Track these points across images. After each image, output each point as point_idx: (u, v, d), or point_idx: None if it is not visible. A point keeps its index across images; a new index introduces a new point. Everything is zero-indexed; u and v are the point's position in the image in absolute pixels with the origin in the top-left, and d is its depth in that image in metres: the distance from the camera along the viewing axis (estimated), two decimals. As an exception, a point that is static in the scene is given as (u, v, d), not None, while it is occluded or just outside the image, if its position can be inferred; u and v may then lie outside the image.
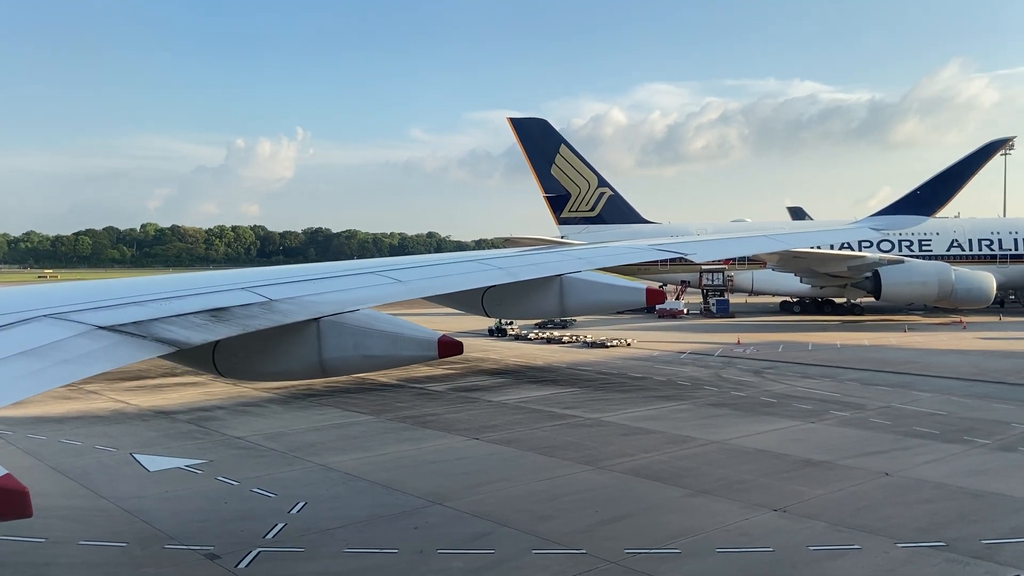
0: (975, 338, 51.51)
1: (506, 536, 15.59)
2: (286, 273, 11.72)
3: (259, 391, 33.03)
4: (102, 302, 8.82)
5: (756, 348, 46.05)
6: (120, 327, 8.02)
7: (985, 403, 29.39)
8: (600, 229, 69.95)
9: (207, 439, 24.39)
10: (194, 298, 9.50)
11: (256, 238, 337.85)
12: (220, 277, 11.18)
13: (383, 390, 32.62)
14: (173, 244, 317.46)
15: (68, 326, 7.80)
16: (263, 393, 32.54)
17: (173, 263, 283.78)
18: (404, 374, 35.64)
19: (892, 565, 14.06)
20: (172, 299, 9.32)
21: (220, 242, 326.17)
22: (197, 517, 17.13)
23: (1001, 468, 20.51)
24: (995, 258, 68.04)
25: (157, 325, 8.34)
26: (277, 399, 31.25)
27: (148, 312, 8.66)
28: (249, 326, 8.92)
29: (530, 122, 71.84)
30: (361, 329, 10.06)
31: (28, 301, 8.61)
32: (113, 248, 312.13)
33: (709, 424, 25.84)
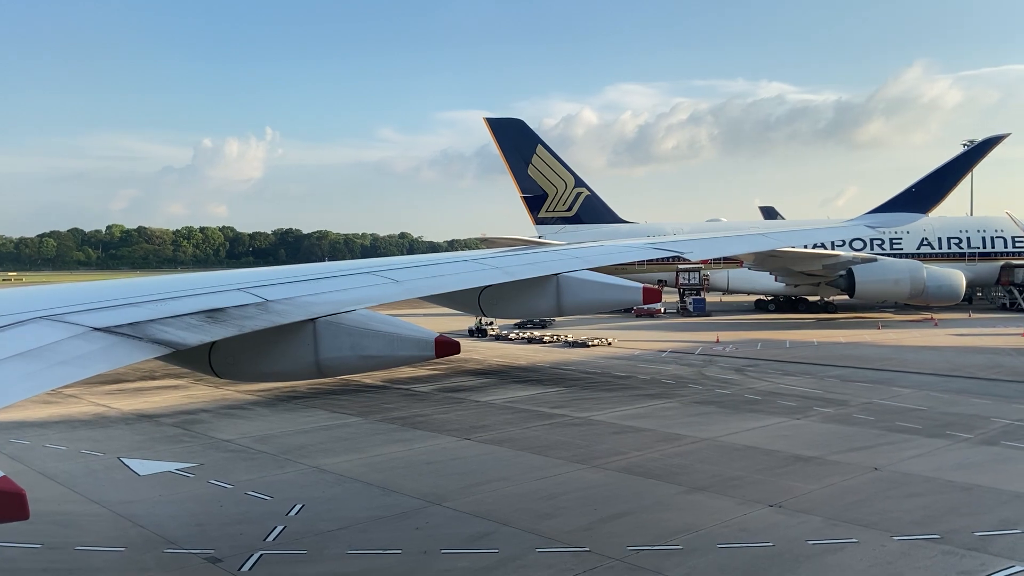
0: (947, 334, 52.42)
1: (508, 535, 15.64)
2: (282, 273, 11.71)
3: (242, 393, 32.79)
4: (97, 303, 8.77)
5: (735, 346, 46.49)
6: (116, 328, 7.99)
7: (963, 398, 29.93)
8: (577, 229, 70.20)
9: (195, 442, 24.16)
10: (190, 299, 9.47)
11: (225, 239, 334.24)
12: (216, 277, 11.15)
13: (368, 391, 32.51)
14: (140, 246, 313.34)
15: (64, 328, 7.76)
16: (247, 396, 32.29)
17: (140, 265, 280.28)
18: (388, 375, 35.53)
19: (890, 558, 14.30)
20: (168, 300, 9.29)
21: (188, 243, 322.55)
22: (194, 520, 16.98)
23: (985, 462, 20.92)
24: (964, 256, 69.28)
25: (153, 326, 8.30)
26: (262, 401, 31.02)
27: (144, 313, 8.62)
28: (245, 327, 8.91)
29: (507, 122, 71.92)
30: (358, 329, 10.03)
31: (23, 303, 8.56)
32: (78, 250, 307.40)
33: (697, 422, 26.07)
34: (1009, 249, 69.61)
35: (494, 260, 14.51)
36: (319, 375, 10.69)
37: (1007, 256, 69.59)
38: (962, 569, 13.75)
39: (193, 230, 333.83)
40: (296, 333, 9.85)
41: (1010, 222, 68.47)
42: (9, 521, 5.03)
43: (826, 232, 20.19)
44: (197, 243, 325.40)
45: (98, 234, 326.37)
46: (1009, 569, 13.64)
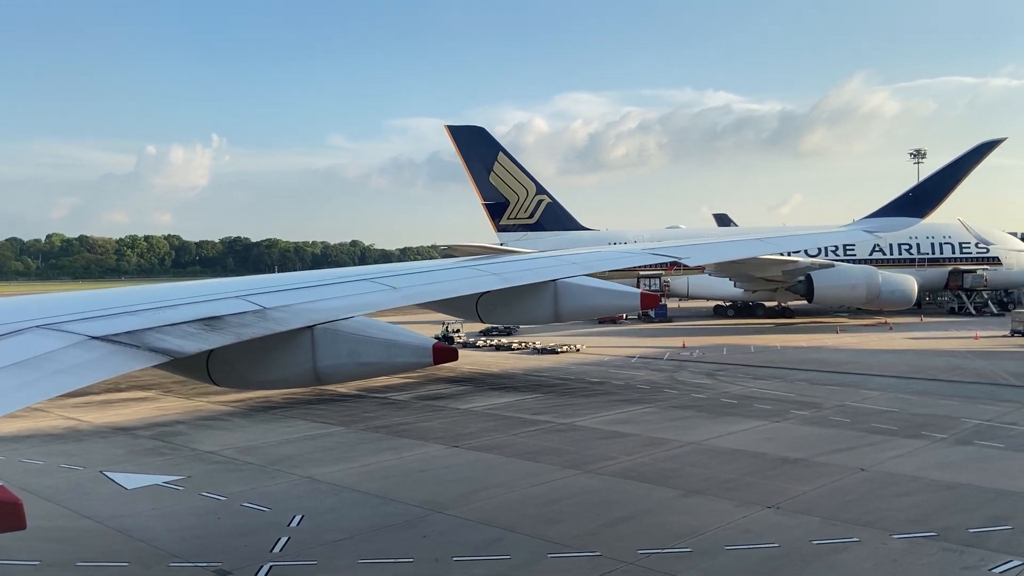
0: (903, 338, 53.83)
1: (517, 541, 15.68)
2: (280, 281, 11.68)
3: (216, 404, 32.30)
4: (95, 312, 8.69)
5: (702, 351, 47.13)
6: (113, 337, 7.95)
7: (930, 399, 30.79)
8: (539, 236, 70.52)
9: (177, 455, 23.73)
10: (187, 307, 9.43)
11: (171, 248, 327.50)
12: (213, 285, 11.10)
13: (345, 401, 32.24)
14: (81, 255, 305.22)
15: (61, 336, 7.72)
16: (221, 406, 31.81)
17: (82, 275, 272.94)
18: (363, 383, 35.25)
19: (894, 556, 14.69)
20: (165, 308, 9.25)
21: (132, 252, 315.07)
22: (193, 533, 16.70)
23: (964, 461, 21.56)
24: (914, 262, 71.22)
25: (150, 335, 8.26)
26: (238, 412, 30.58)
27: (141, 322, 8.58)
28: (243, 335, 8.88)
29: (468, 130, 72.04)
30: (355, 336, 9.99)
31: (21, 312, 8.50)
32: (17, 260, 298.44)
33: (680, 426, 26.40)
34: (957, 255, 71.78)
35: (492, 266, 14.56)
36: (317, 382, 10.63)
37: (955, 262, 71.73)
38: (964, 565, 14.19)
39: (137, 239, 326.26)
40: (294, 341, 9.81)
41: (960, 229, 70.54)
42: (5, 531, 5.00)
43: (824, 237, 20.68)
44: (142, 252, 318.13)
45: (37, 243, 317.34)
46: (1008, 564, 14.10)
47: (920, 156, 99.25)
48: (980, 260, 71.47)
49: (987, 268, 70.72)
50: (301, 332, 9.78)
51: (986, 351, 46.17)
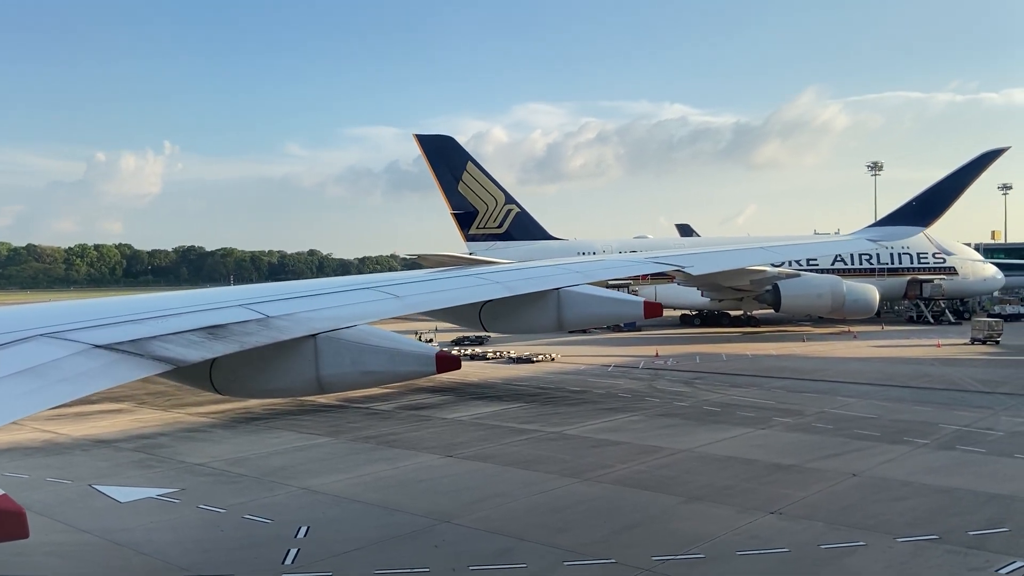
0: (868, 346, 54.98)
1: (531, 550, 15.72)
2: (283, 289, 11.67)
3: (195, 416, 31.84)
4: (99, 320, 8.68)
5: (675, 360, 47.61)
6: (117, 345, 7.96)
7: (906, 406, 31.48)
8: (508, 246, 70.64)
9: (165, 467, 23.33)
10: (191, 315, 9.42)
11: (122, 257, 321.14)
12: (217, 294, 11.06)
13: (328, 411, 31.96)
14: (29, 264, 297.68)
15: (65, 345, 7.72)
16: (200, 418, 31.36)
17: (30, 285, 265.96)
18: (343, 393, 34.97)
19: (902, 558, 15.02)
20: (168, 317, 9.24)
21: (82, 262, 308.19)
22: (199, 546, 16.46)
23: (950, 465, 22.10)
24: (874, 271, 72.76)
25: (154, 343, 8.27)
26: (220, 423, 30.15)
27: (145, 330, 8.57)
28: (246, 343, 8.89)
29: (437, 139, 72.01)
30: (358, 345, 10.02)
31: (25, 320, 8.49)
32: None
33: (668, 434, 26.65)
34: (915, 265, 73.48)
35: (495, 275, 14.64)
36: (320, 391, 10.65)
37: (913, 271, 73.42)
38: (971, 566, 14.57)
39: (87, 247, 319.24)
40: (297, 349, 9.82)
41: (922, 240, 72.07)
42: (9, 540, 5.01)
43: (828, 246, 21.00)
44: (91, 261, 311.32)
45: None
46: (1012, 565, 14.50)
47: (877, 168, 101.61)
48: (937, 270, 73.25)
49: (944, 278, 72.50)
50: (304, 340, 9.78)
51: (950, 358, 47.36)
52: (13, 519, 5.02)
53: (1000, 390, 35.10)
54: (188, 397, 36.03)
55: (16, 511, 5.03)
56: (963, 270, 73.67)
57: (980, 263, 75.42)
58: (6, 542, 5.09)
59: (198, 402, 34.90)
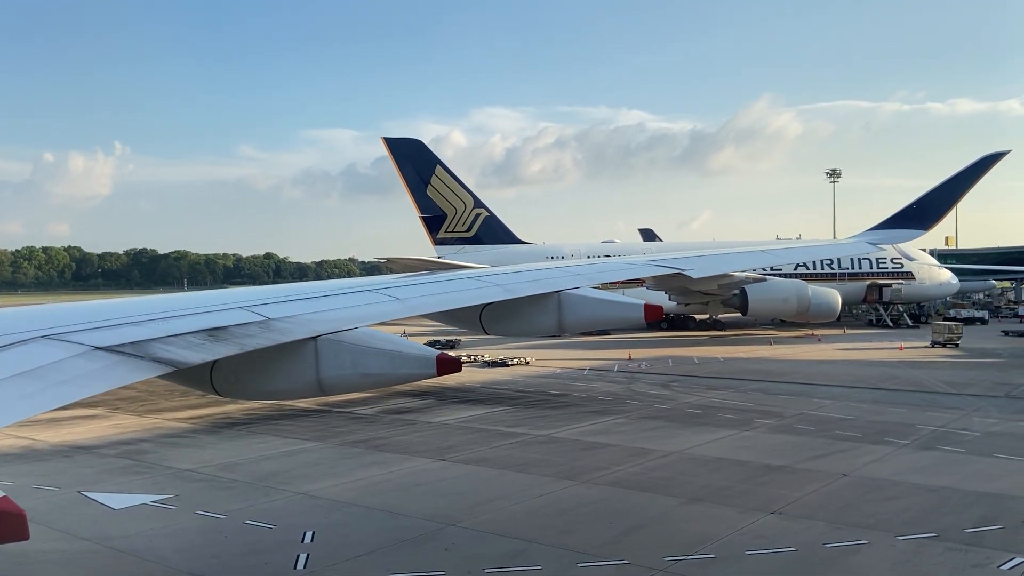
0: (833, 349, 56.04)
1: (542, 552, 15.80)
2: (283, 292, 11.72)
3: (173, 422, 31.35)
4: (99, 322, 8.70)
5: (649, 363, 48.05)
6: (117, 347, 7.98)
7: (880, 407, 32.18)
8: (476, 250, 70.66)
9: (153, 473, 22.95)
10: (191, 317, 9.44)
11: (71, 260, 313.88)
12: (217, 296, 11.10)
13: (309, 416, 31.69)
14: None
15: (66, 347, 7.73)
16: (180, 424, 30.89)
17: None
18: (322, 398, 34.64)
19: (906, 556, 15.40)
20: (169, 319, 9.26)
21: (29, 265, 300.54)
22: (205, 552, 16.26)
23: (934, 465, 22.66)
24: (835, 276, 74.15)
25: (155, 345, 8.29)
26: (201, 429, 29.73)
27: (145, 332, 8.60)
28: (247, 345, 8.92)
29: (405, 142, 71.78)
30: (359, 347, 10.07)
31: (25, 322, 8.50)
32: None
33: (656, 436, 26.92)
34: (874, 269, 75.07)
35: (495, 278, 14.72)
36: (320, 393, 10.65)
37: (872, 276, 75.00)
38: (973, 563, 14.98)
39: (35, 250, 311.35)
40: (298, 351, 9.84)
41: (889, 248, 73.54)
42: (9, 541, 5.05)
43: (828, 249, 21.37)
44: (39, 264, 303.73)
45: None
46: (1013, 561, 14.95)
47: (836, 175, 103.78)
48: (896, 275, 74.91)
49: (902, 283, 74.19)
50: (305, 343, 9.81)
51: (913, 361, 48.51)
52: (14, 520, 5.04)
53: (967, 392, 36.04)
54: (162, 403, 35.50)
55: (17, 512, 5.05)
56: (920, 275, 75.45)
57: (936, 268, 77.36)
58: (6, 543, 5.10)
59: (174, 407, 34.40)
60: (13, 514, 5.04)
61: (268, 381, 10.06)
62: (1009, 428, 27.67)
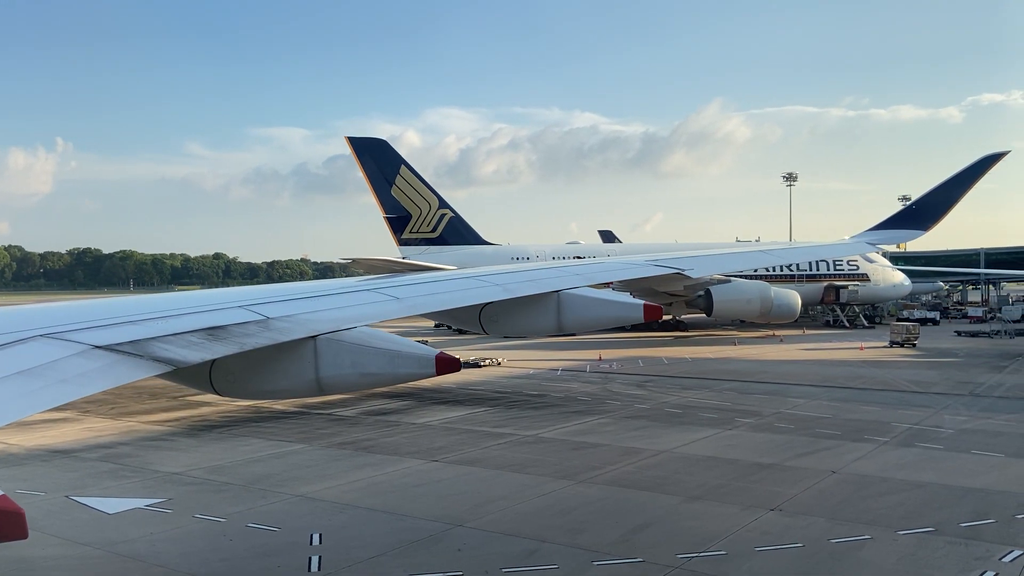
0: (796, 349, 57.14)
1: (556, 551, 15.88)
2: (283, 291, 11.71)
3: (149, 424, 30.76)
4: (98, 321, 8.67)
5: (620, 363, 48.46)
6: (116, 346, 7.97)
7: (853, 406, 32.91)
8: (442, 251, 70.50)
9: (141, 477, 22.51)
10: (190, 316, 9.43)
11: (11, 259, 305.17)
12: (217, 295, 11.07)
13: (289, 418, 31.34)
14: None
15: (64, 346, 7.72)
16: (156, 426, 30.32)
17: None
18: (301, 400, 34.31)
19: (910, 550, 15.80)
20: (168, 318, 9.23)
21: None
22: (213, 556, 16.02)
23: (917, 462, 23.26)
24: (794, 277, 75.60)
25: (154, 344, 8.29)
26: (179, 432, 29.21)
27: (144, 331, 8.59)
28: (246, 344, 8.94)
29: (370, 142, 71.30)
30: (358, 347, 10.09)
31: (23, 321, 8.47)
32: None
33: (643, 435, 27.17)
34: (832, 271, 76.71)
35: (495, 277, 14.78)
36: (320, 392, 10.67)
37: (830, 278, 76.65)
38: (975, 556, 15.44)
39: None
40: (297, 350, 9.85)
41: None
42: (8, 540, 5.01)
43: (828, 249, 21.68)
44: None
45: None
46: (1013, 553, 15.46)
47: (792, 179, 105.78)
48: (852, 276, 76.67)
49: (859, 284, 75.95)
50: (304, 342, 9.81)
51: (876, 360, 49.74)
52: (13, 519, 5.00)
53: (933, 390, 37.05)
54: (133, 405, 34.81)
55: (16, 511, 5.02)
56: (875, 277, 77.32)
57: (891, 270, 79.30)
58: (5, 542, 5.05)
59: (147, 410, 33.75)
60: (12, 512, 5.00)
61: (267, 380, 10.03)
62: (980, 426, 28.51)
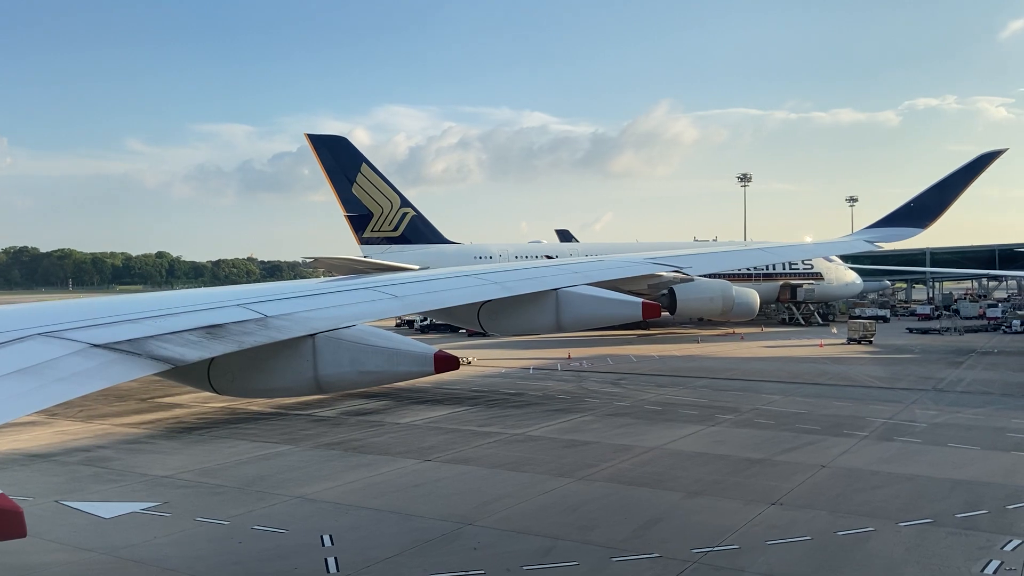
0: (758, 347, 58.14)
1: (571, 549, 15.96)
2: (281, 289, 11.70)
3: (121, 427, 30.08)
4: (96, 320, 8.66)
5: (590, 362, 48.75)
6: (115, 345, 7.98)
7: (826, 402, 33.62)
8: (403, 249, 70.10)
9: (129, 481, 22.01)
10: (189, 315, 9.41)
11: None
12: (215, 294, 11.03)
13: (267, 419, 30.91)
14: None
15: (63, 344, 7.72)
16: (131, 429, 29.67)
17: None
18: (275, 401, 33.79)
19: (915, 540, 16.24)
20: (167, 316, 9.22)
21: None
22: (225, 559, 15.76)
23: (900, 455, 23.87)
24: (751, 276, 76.81)
25: (152, 343, 8.30)
26: (157, 434, 28.61)
27: (143, 330, 8.58)
28: (244, 343, 8.95)
29: (330, 139, 70.55)
30: (357, 345, 10.12)
31: (22, 319, 8.45)
32: None
33: (629, 433, 27.40)
34: (787, 270, 78.16)
35: (494, 275, 14.82)
36: (318, 391, 10.70)
37: (785, 277, 78.08)
38: (978, 545, 15.93)
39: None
40: (295, 349, 9.87)
41: None
42: (5, 539, 5.01)
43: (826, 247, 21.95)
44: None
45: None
46: (1012, 542, 15.98)
47: (747, 180, 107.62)
48: (806, 275, 78.21)
49: (813, 283, 77.53)
50: (303, 340, 9.82)
51: (837, 357, 50.80)
52: (11, 518, 4.98)
53: (898, 386, 38.05)
54: (102, 408, 33.96)
55: (14, 510, 4.99)
56: (828, 275, 78.97)
57: (843, 268, 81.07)
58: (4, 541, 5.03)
59: (117, 413, 32.98)
60: (10, 511, 4.97)
61: (266, 379, 10.02)
62: (951, 419, 29.36)
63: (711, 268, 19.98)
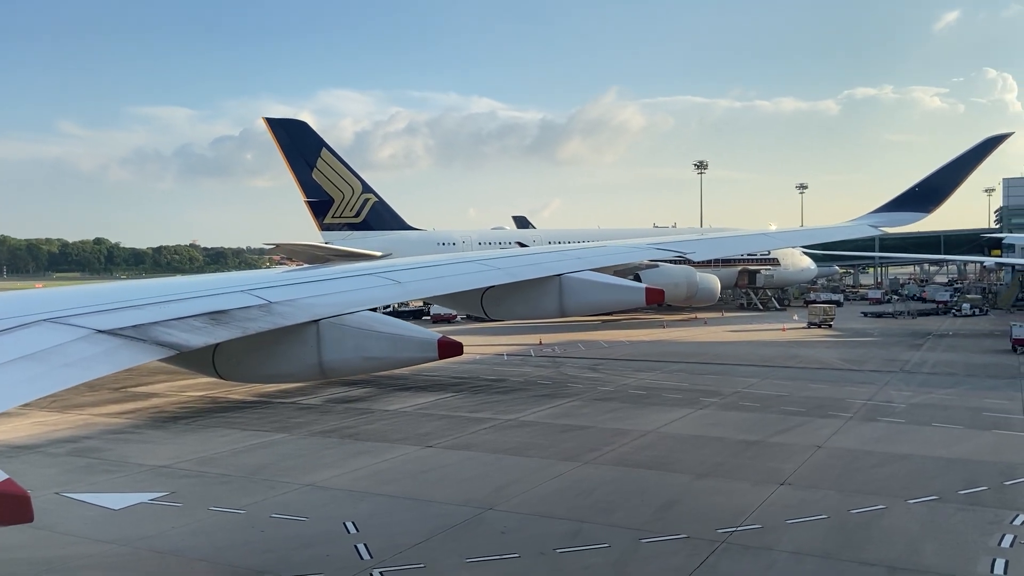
0: (723, 331, 59.12)
1: (600, 531, 16.15)
2: (285, 276, 11.73)
3: (101, 417, 29.42)
4: (101, 306, 8.66)
5: (562, 347, 49.03)
6: (120, 331, 8.02)
7: (803, 384, 34.36)
8: (366, 236, 69.41)
9: (127, 471, 21.58)
10: (193, 301, 9.43)
11: None
12: (219, 280, 11.05)
13: (251, 407, 30.48)
14: None
15: (68, 330, 7.75)
16: (112, 419, 29.05)
17: None
18: (257, 389, 33.34)
19: (928, 516, 16.79)
20: (171, 302, 9.24)
21: None
22: (253, 548, 15.60)
23: (889, 436, 24.56)
24: (710, 262, 77.90)
25: (157, 328, 8.33)
26: (141, 424, 28.04)
27: (147, 316, 8.61)
28: (249, 328, 9.01)
29: (289, 123, 69.35)
30: (361, 331, 10.20)
31: (27, 306, 8.44)
32: None
33: (622, 417, 27.69)
34: (744, 256, 79.42)
35: (497, 261, 14.88)
36: (322, 376, 10.75)
37: (743, 262, 79.35)
38: (988, 520, 16.53)
39: None
40: (299, 334, 9.93)
41: None
42: (12, 523, 5.02)
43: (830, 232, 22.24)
44: None
45: None
46: (1020, 517, 16.61)
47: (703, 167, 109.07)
48: (763, 261, 79.57)
49: (770, 268, 78.98)
50: (307, 326, 9.88)
51: (801, 341, 51.88)
52: (18, 503, 4.97)
53: (867, 368, 39.07)
54: (77, 398, 33.05)
55: (21, 495, 4.98)
56: (785, 261, 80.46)
57: (799, 254, 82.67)
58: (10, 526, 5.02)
59: (93, 403, 32.19)
60: (17, 496, 4.96)
61: (271, 364, 10.06)
62: (927, 400, 30.28)
63: (714, 254, 20.27)
